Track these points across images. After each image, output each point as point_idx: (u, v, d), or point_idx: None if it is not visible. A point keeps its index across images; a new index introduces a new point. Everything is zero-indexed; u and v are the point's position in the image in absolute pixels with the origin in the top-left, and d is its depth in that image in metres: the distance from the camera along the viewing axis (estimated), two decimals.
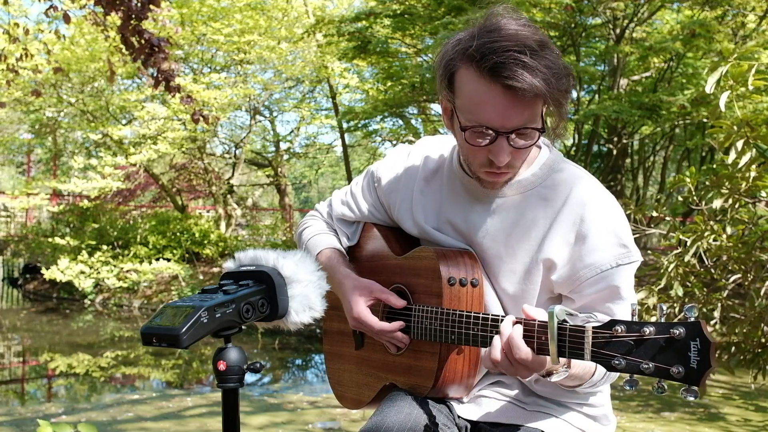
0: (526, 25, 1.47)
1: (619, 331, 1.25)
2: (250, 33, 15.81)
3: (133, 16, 5.46)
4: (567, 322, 1.33)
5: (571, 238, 1.55)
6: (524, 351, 1.36)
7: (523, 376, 1.42)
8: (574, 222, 1.55)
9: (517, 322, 1.41)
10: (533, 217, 1.59)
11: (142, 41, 5.57)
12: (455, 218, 1.67)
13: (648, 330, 1.23)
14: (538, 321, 1.39)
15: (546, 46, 1.45)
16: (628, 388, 1.27)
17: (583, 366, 1.46)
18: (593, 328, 1.29)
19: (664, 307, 1.27)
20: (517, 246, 1.60)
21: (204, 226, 16.68)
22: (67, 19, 6.37)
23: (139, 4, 5.46)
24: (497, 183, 1.59)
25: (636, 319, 1.27)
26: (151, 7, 5.51)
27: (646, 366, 1.22)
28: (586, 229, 1.54)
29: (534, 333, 1.38)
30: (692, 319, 1.21)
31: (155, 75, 5.70)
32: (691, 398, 1.20)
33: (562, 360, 1.40)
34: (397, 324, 1.66)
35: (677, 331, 1.20)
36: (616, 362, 1.25)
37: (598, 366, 1.49)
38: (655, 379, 1.24)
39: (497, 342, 1.41)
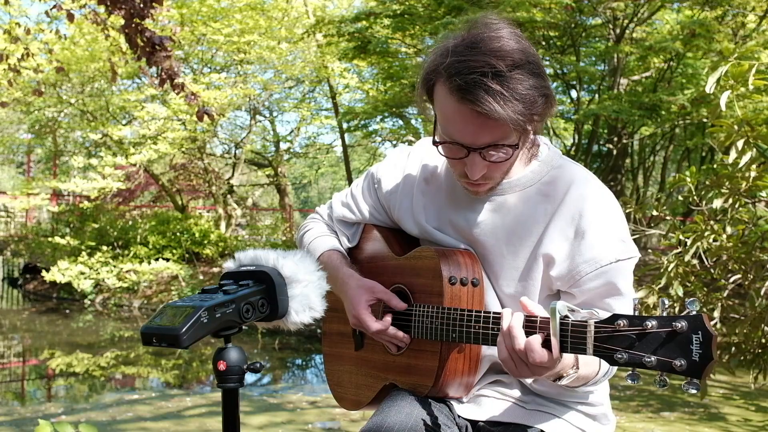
0: (510, 38, 1.44)
1: (622, 325, 1.26)
2: (250, 33, 15.81)
3: (135, 14, 5.46)
4: (569, 317, 1.33)
5: (570, 234, 1.56)
6: (540, 354, 1.35)
7: (538, 375, 1.41)
8: (573, 217, 1.56)
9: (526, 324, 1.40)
10: (533, 213, 1.59)
11: (144, 39, 5.58)
12: (456, 218, 1.67)
13: (650, 324, 1.23)
14: (540, 317, 1.38)
15: (519, 66, 1.41)
16: (630, 381, 1.27)
17: (588, 365, 1.47)
18: (595, 323, 1.29)
19: (666, 302, 1.27)
20: (518, 243, 1.60)
21: (204, 226, 16.67)
22: (70, 17, 6.38)
23: (141, 3, 5.46)
24: (478, 192, 1.60)
25: (637, 313, 1.27)
26: (154, 5, 5.51)
27: (649, 359, 1.22)
28: (586, 224, 1.54)
29: (536, 329, 1.38)
30: (694, 313, 1.21)
31: (159, 73, 5.71)
32: (693, 391, 1.20)
33: (570, 360, 1.40)
34: (389, 320, 1.66)
35: (679, 325, 1.20)
36: (619, 356, 1.25)
37: (602, 365, 1.50)
38: (657, 373, 1.24)
39: (506, 348, 1.39)
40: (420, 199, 1.74)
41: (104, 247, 15.98)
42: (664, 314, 1.24)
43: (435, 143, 1.54)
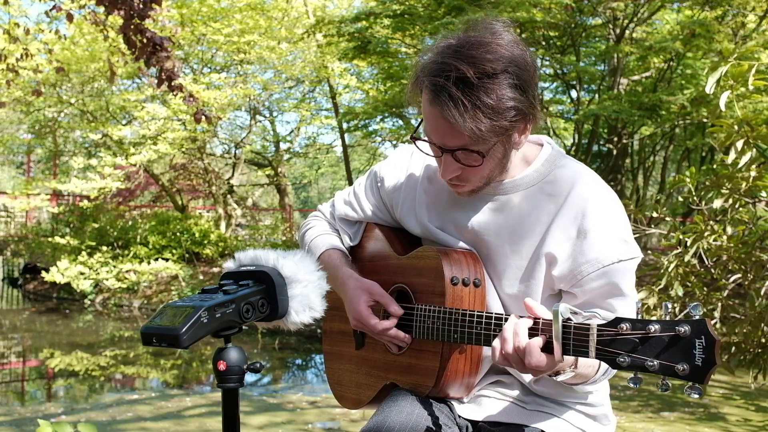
0: (503, 46, 1.43)
1: (624, 328, 1.25)
2: (250, 33, 15.81)
3: (135, 15, 5.46)
4: (571, 320, 1.33)
5: (573, 233, 1.55)
6: (537, 358, 1.36)
7: (534, 375, 1.42)
8: (576, 217, 1.56)
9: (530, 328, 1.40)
10: (536, 213, 1.59)
11: (144, 40, 5.57)
12: (459, 217, 1.67)
13: (653, 328, 1.22)
14: (543, 319, 1.38)
15: (493, 75, 1.40)
16: (632, 385, 1.27)
17: (587, 364, 1.47)
18: (598, 325, 1.29)
19: (669, 305, 1.26)
20: (521, 242, 1.60)
21: (204, 226, 16.67)
22: (70, 18, 6.38)
23: (140, 4, 5.46)
24: (460, 193, 1.61)
25: (640, 316, 1.27)
26: (153, 6, 5.51)
27: (651, 363, 1.22)
28: (588, 224, 1.54)
29: (538, 332, 1.38)
30: (697, 317, 1.21)
31: (158, 74, 5.71)
32: (695, 395, 1.20)
33: (570, 360, 1.40)
34: (393, 320, 1.66)
35: (682, 329, 1.20)
36: (621, 360, 1.25)
37: (601, 365, 1.50)
38: (659, 377, 1.24)
39: (508, 344, 1.39)
40: (423, 198, 1.73)
41: (104, 247, 15.98)
42: (667, 318, 1.24)
43: (413, 138, 1.56)
